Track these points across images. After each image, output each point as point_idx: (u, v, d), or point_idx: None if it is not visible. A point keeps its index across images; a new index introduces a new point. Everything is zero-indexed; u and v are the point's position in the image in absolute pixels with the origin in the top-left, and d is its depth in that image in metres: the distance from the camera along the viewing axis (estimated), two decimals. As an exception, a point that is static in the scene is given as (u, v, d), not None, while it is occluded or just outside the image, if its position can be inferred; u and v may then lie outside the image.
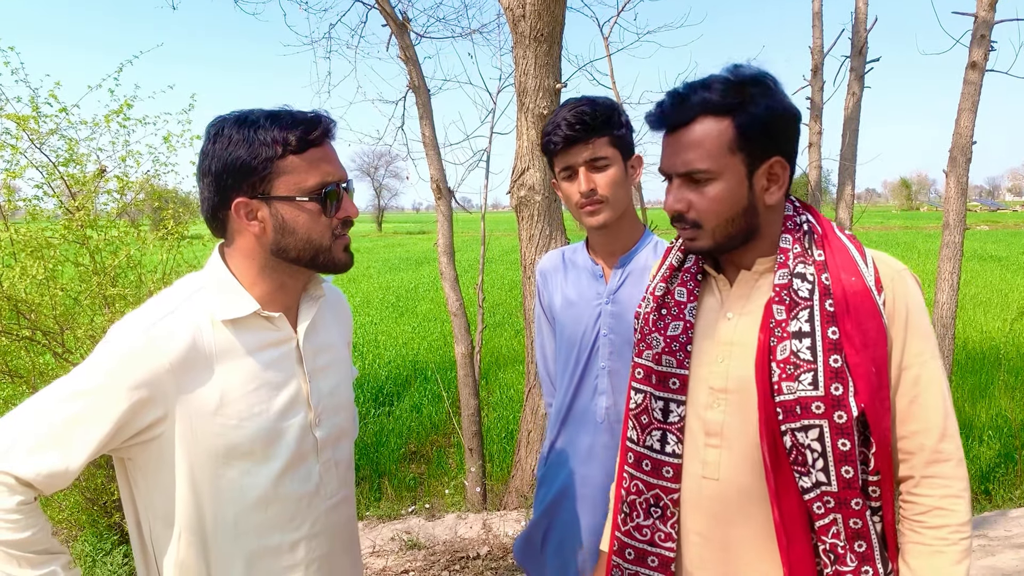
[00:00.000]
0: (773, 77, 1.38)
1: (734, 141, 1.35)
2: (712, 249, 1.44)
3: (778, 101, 1.35)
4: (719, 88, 1.35)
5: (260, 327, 1.44)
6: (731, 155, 1.35)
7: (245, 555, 1.43)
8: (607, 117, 1.91)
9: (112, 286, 4.28)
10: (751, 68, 1.38)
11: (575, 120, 1.88)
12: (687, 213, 1.41)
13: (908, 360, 1.35)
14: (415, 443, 7.61)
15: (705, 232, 1.41)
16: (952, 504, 1.34)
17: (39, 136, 4.23)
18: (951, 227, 4.96)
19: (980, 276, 19.77)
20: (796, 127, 1.40)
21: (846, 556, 1.34)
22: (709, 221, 1.39)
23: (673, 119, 1.39)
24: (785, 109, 1.36)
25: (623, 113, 1.97)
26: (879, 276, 1.36)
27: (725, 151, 1.35)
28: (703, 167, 1.36)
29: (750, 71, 1.37)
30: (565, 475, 2.09)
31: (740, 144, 1.35)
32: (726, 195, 1.37)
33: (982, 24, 4.70)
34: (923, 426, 1.35)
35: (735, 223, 1.39)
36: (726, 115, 1.35)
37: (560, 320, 2.13)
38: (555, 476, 2.12)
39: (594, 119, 1.88)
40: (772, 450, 1.35)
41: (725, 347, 1.45)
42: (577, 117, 1.88)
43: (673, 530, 1.50)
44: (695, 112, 1.36)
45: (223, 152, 1.36)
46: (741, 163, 1.36)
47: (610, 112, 1.92)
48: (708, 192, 1.37)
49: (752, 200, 1.38)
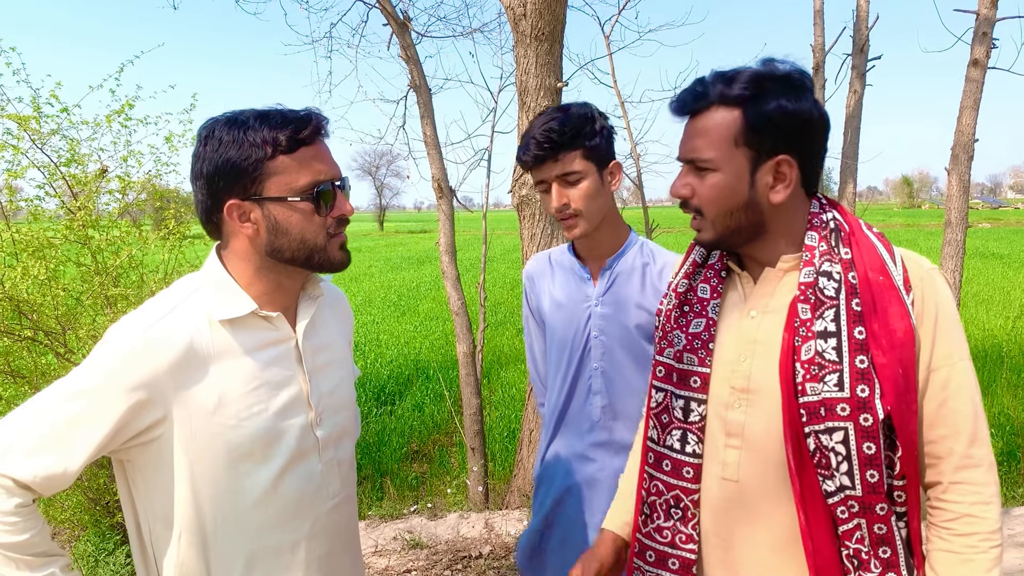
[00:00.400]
0: (804, 76, 1.36)
1: (740, 134, 1.33)
2: (716, 242, 1.43)
3: (795, 100, 1.32)
4: (740, 80, 1.33)
5: (258, 327, 1.43)
6: (735, 147, 1.34)
7: (245, 555, 1.43)
8: (577, 131, 1.89)
9: (114, 286, 4.28)
10: (784, 64, 1.36)
11: (543, 139, 1.88)
12: (691, 199, 1.41)
13: (937, 362, 1.31)
14: (417, 442, 7.61)
15: (707, 221, 1.40)
16: (982, 511, 1.30)
17: (41, 136, 4.23)
18: (953, 225, 4.95)
19: (982, 274, 19.73)
20: (815, 129, 1.36)
21: (870, 562, 1.31)
22: (709, 211, 1.39)
23: (691, 106, 1.39)
24: (801, 109, 1.32)
25: (599, 120, 1.95)
26: (907, 275, 1.33)
27: (730, 143, 1.34)
28: (705, 156, 1.36)
29: (782, 67, 1.35)
30: (563, 475, 2.09)
31: (746, 138, 1.33)
32: (724, 187, 1.36)
33: (984, 21, 4.69)
34: (952, 430, 1.31)
35: (734, 216, 1.38)
36: (738, 107, 1.33)
37: (550, 323, 2.13)
38: (553, 476, 2.13)
39: (562, 135, 1.87)
40: (796, 453, 1.32)
41: (748, 346, 1.42)
42: (545, 135, 1.87)
43: (694, 532, 1.48)
44: (710, 101, 1.36)
45: (214, 154, 1.36)
46: (744, 157, 1.35)
47: (581, 124, 1.90)
48: (708, 181, 1.37)
49: (754, 196, 1.36)
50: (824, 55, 5.89)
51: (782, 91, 1.32)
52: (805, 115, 1.33)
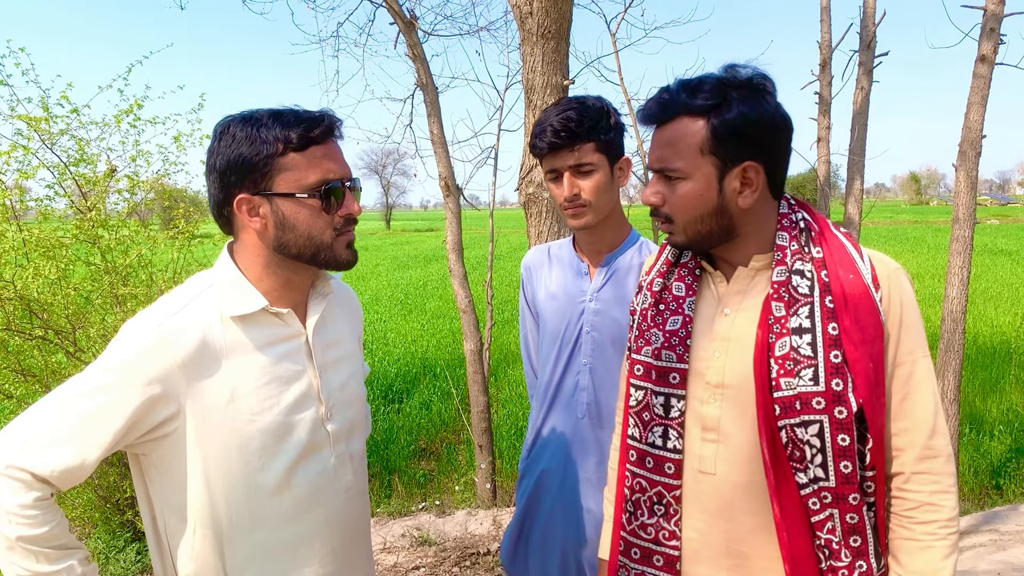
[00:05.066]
0: (766, 81, 1.39)
1: (706, 143, 1.37)
2: (687, 245, 1.48)
3: (757, 106, 1.36)
4: (704, 89, 1.37)
5: (269, 323, 1.46)
6: (701, 156, 1.38)
7: (260, 548, 1.45)
8: (594, 122, 1.90)
9: (123, 285, 4.31)
10: (746, 70, 1.39)
11: (560, 127, 1.88)
12: (661, 207, 1.45)
13: (901, 357, 1.37)
14: (425, 440, 7.63)
15: (677, 227, 1.45)
16: (941, 500, 1.36)
17: (50, 136, 4.26)
18: (961, 221, 4.94)
19: (990, 271, 19.65)
20: (777, 133, 1.40)
21: (841, 551, 1.36)
22: (679, 218, 1.43)
23: (657, 116, 1.43)
24: (763, 115, 1.36)
25: (613, 115, 1.96)
26: (876, 273, 1.38)
27: (696, 152, 1.38)
28: (674, 166, 1.40)
29: (744, 73, 1.38)
30: (546, 467, 2.10)
31: (712, 146, 1.37)
32: (694, 195, 1.40)
33: (991, 17, 4.67)
34: (914, 423, 1.37)
35: (704, 222, 1.42)
36: (702, 116, 1.37)
37: (543, 314, 2.14)
38: (535, 469, 2.14)
39: (580, 125, 1.88)
40: (771, 446, 1.37)
41: (722, 342, 1.46)
42: (563, 123, 1.88)
43: (677, 528, 1.51)
44: (675, 111, 1.39)
45: (227, 149, 1.39)
46: (711, 165, 1.38)
47: (598, 117, 1.91)
48: (678, 190, 1.41)
49: (722, 202, 1.40)
50: (831, 51, 5.87)
51: (744, 98, 1.35)
52: (768, 121, 1.37)
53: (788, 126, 1.42)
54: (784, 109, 1.41)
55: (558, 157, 1.93)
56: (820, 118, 5.93)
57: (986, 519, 4.47)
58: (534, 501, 2.13)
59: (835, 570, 1.36)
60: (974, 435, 6.69)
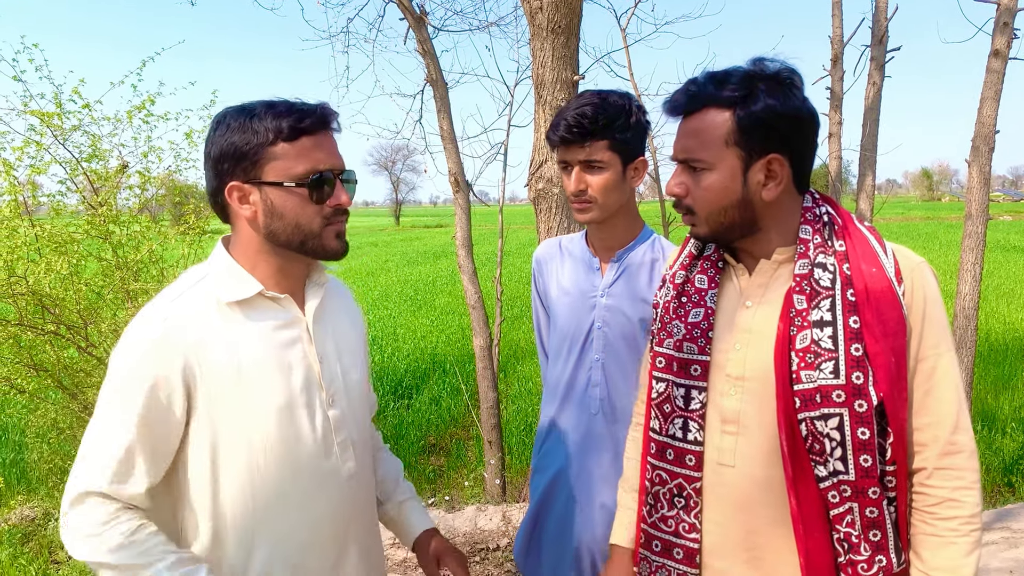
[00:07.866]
0: (794, 74, 1.39)
1: (731, 134, 1.37)
2: (710, 237, 1.48)
3: (784, 99, 1.36)
4: (731, 81, 1.37)
5: (268, 308, 1.48)
6: (726, 148, 1.38)
7: (266, 534, 1.45)
8: (610, 120, 1.87)
9: (134, 280, 4.33)
10: (774, 63, 1.39)
11: (574, 122, 1.86)
12: (684, 198, 1.45)
13: (924, 352, 1.36)
14: (434, 436, 7.65)
15: (700, 219, 1.45)
16: (964, 496, 1.35)
17: (63, 132, 4.28)
18: (973, 217, 4.91)
19: (1003, 267, 19.54)
20: (804, 127, 1.40)
21: (860, 545, 1.35)
22: (702, 209, 1.43)
23: (684, 107, 1.43)
24: (790, 108, 1.36)
25: (635, 115, 1.93)
26: (899, 267, 1.37)
27: (721, 143, 1.38)
28: (699, 157, 1.40)
29: (771, 66, 1.38)
30: (560, 463, 2.09)
31: (737, 138, 1.37)
32: (718, 186, 1.40)
33: (1005, 12, 4.64)
34: (937, 418, 1.36)
35: (727, 214, 1.42)
36: (728, 108, 1.37)
37: (554, 309, 2.13)
38: (549, 464, 2.12)
39: (594, 123, 1.86)
40: (790, 439, 1.36)
41: (743, 335, 1.46)
42: (576, 119, 1.86)
43: (697, 520, 1.51)
44: (702, 102, 1.39)
45: (221, 139, 1.42)
46: (736, 157, 1.38)
47: (616, 115, 1.88)
48: (702, 181, 1.41)
49: (746, 194, 1.40)
50: (843, 47, 5.85)
51: (771, 91, 1.35)
52: (794, 114, 1.37)
53: (814, 120, 1.42)
54: (811, 104, 1.40)
55: (569, 151, 1.92)
56: (831, 113, 5.90)
57: (998, 516, 4.44)
58: (548, 497, 2.12)
59: (854, 564, 1.35)
60: (986, 432, 6.65)
